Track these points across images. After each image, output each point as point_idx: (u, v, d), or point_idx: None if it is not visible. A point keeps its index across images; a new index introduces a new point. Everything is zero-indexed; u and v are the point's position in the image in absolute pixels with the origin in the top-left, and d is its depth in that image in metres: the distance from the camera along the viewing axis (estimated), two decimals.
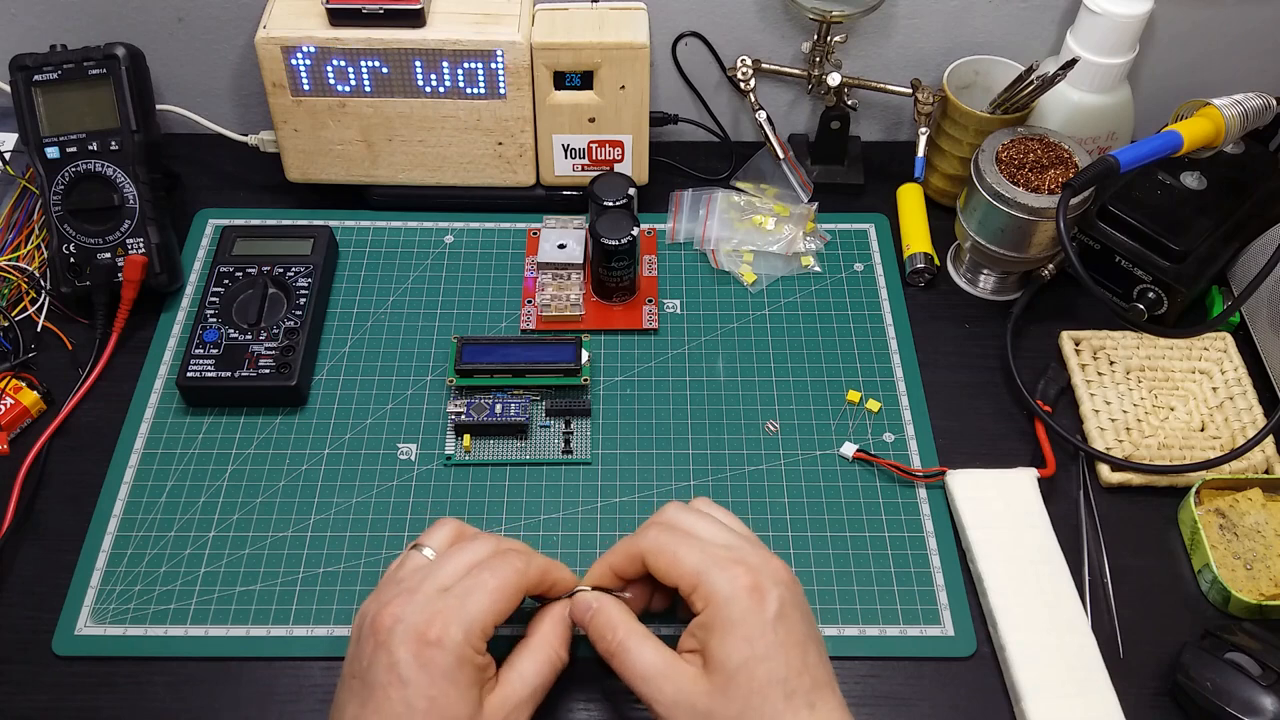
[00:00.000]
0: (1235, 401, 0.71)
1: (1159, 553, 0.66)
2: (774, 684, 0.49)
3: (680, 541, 0.54)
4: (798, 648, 0.51)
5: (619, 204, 0.74)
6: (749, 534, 0.57)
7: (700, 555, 0.52)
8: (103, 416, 0.71)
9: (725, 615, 0.51)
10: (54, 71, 0.74)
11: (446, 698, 0.49)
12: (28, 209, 0.80)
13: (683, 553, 0.53)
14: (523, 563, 0.54)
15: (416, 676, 0.49)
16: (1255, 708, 0.56)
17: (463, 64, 0.74)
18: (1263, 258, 0.72)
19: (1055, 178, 0.71)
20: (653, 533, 0.55)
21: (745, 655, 0.50)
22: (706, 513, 0.57)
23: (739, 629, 0.50)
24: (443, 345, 0.75)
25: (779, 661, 0.50)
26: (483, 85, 0.75)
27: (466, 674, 0.50)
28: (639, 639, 0.53)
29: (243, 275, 0.74)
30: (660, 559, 0.53)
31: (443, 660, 0.50)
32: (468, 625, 0.51)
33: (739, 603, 0.51)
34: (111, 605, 0.62)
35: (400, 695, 0.49)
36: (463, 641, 0.50)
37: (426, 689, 0.49)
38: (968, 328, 0.77)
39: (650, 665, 0.52)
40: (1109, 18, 0.74)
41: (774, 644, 0.50)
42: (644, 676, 0.52)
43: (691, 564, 0.52)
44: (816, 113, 0.87)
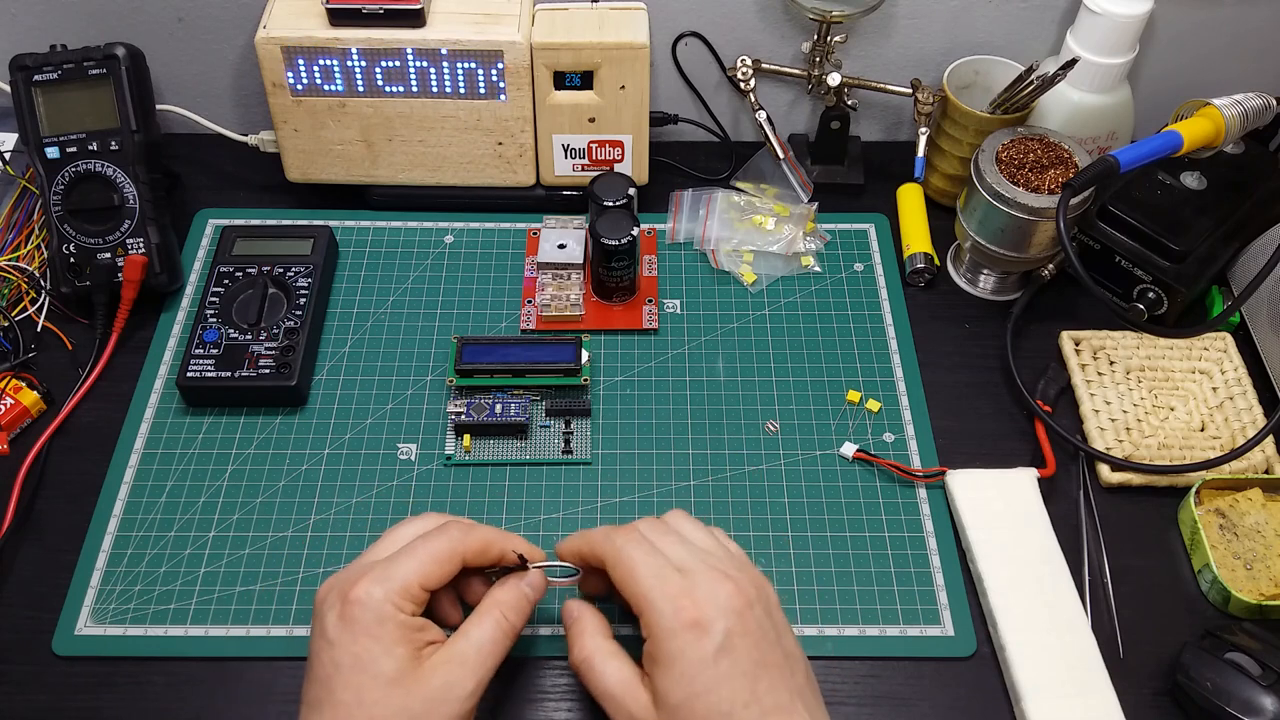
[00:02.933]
0: (1235, 401, 0.71)
1: (1159, 553, 0.66)
2: (716, 718, 0.49)
3: (641, 557, 0.53)
4: (744, 679, 0.50)
5: (619, 204, 0.74)
6: (714, 549, 0.55)
7: (653, 580, 0.52)
8: (103, 416, 0.71)
9: (666, 650, 0.50)
10: (54, 71, 0.74)
11: (370, 654, 0.50)
12: (28, 209, 0.80)
13: (639, 570, 0.52)
14: (460, 531, 0.55)
15: (340, 635, 0.50)
16: (1255, 708, 0.56)
17: (463, 64, 0.74)
18: (1263, 258, 0.72)
19: (1055, 178, 0.71)
20: (619, 539, 0.54)
21: (685, 693, 0.49)
22: (674, 530, 0.56)
23: (677, 665, 0.50)
24: (443, 345, 0.75)
25: (722, 695, 0.49)
26: (483, 85, 0.75)
27: (389, 631, 0.50)
28: (605, 656, 0.53)
29: (243, 275, 0.74)
30: (618, 570, 0.53)
31: (363, 616, 0.50)
32: (389, 583, 0.51)
33: (678, 637, 0.50)
34: (111, 605, 0.62)
35: (329, 656, 0.50)
36: (382, 599, 0.51)
37: (350, 646, 0.50)
38: (968, 328, 0.77)
39: (610, 684, 0.52)
40: (1109, 18, 0.74)
41: (715, 678, 0.49)
42: (604, 694, 0.52)
43: (643, 587, 0.52)
44: (816, 113, 0.87)
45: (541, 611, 0.62)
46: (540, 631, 0.62)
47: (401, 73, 0.74)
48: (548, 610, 0.62)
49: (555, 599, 0.63)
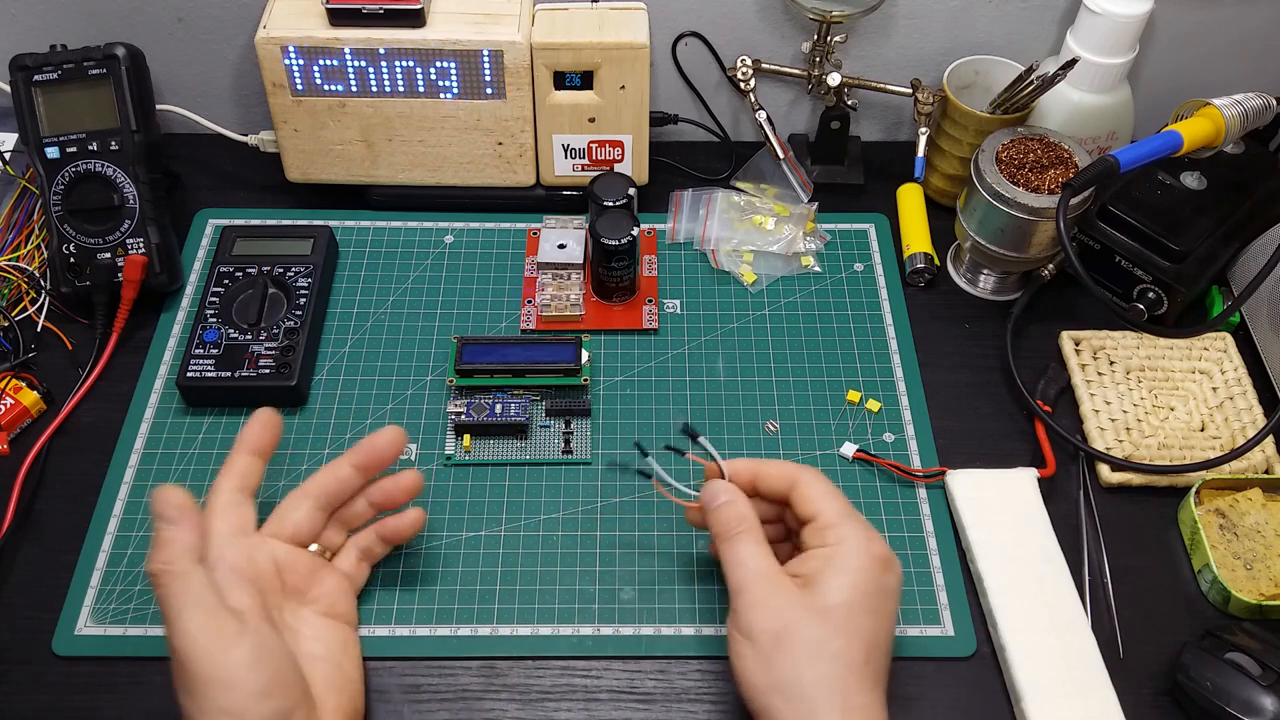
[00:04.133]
0: (1235, 401, 0.71)
1: (1159, 553, 0.66)
2: (861, 639, 0.51)
3: (831, 489, 0.56)
4: (889, 629, 0.53)
5: (619, 204, 0.74)
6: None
7: (844, 506, 0.55)
8: (103, 416, 0.71)
9: (849, 561, 0.52)
10: (54, 71, 0.74)
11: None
12: (28, 209, 0.80)
13: (832, 496, 0.55)
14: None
15: None
16: (1255, 708, 0.56)
17: (463, 64, 0.73)
18: (1263, 258, 0.72)
19: (1055, 178, 0.71)
20: (812, 470, 0.57)
21: (852, 599, 0.51)
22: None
23: (854, 576, 0.52)
24: (443, 345, 0.75)
25: (873, 625, 0.52)
26: (483, 85, 0.75)
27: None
28: (756, 539, 0.55)
29: (243, 275, 0.74)
30: (811, 489, 0.56)
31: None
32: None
33: (865, 557, 0.53)
34: (111, 605, 0.62)
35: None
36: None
37: None
38: (968, 328, 0.77)
39: (756, 560, 0.54)
40: (1109, 18, 0.74)
41: (877, 609, 0.52)
42: (745, 565, 0.54)
43: (837, 507, 0.55)
44: (816, 113, 0.87)
45: (540, 611, 0.62)
46: (540, 631, 0.62)
47: (401, 73, 0.74)
48: (547, 610, 0.62)
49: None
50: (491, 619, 0.62)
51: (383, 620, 0.62)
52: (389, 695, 0.60)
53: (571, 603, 0.63)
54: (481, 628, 0.62)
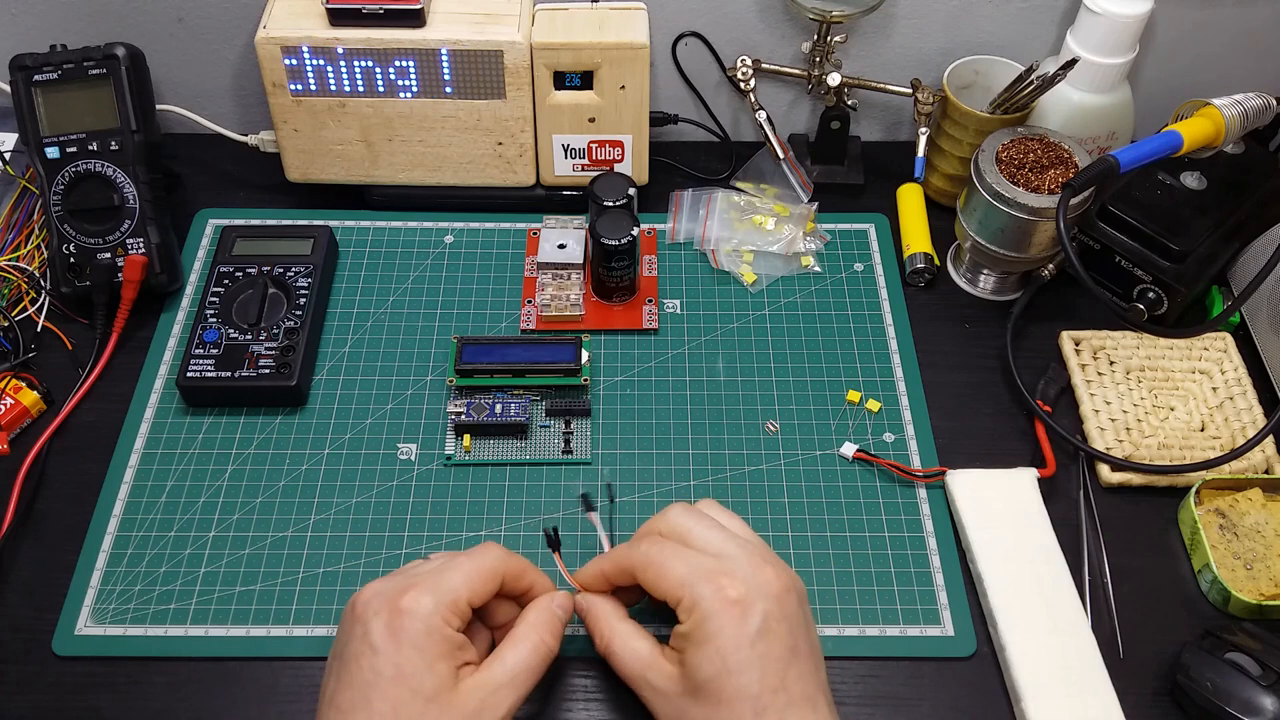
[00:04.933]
0: (1235, 401, 0.71)
1: (1159, 553, 0.66)
2: (743, 699, 0.49)
3: (671, 554, 0.53)
4: (776, 664, 0.50)
5: (619, 204, 0.74)
6: (752, 539, 0.56)
7: (687, 569, 0.52)
8: (103, 416, 0.71)
9: (704, 629, 0.51)
10: (54, 71, 0.74)
11: (413, 665, 0.49)
12: (28, 209, 0.80)
13: (670, 566, 0.53)
14: (502, 551, 0.55)
15: (385, 644, 0.50)
16: (1255, 708, 0.56)
17: (463, 64, 0.74)
18: (1263, 258, 0.72)
19: (1055, 178, 0.71)
20: (644, 545, 0.55)
21: (716, 669, 0.50)
22: (709, 516, 0.56)
23: (714, 642, 0.50)
24: (443, 345, 0.75)
25: (751, 677, 0.50)
26: (483, 85, 0.75)
27: (435, 644, 0.50)
28: (624, 636, 0.54)
29: (243, 275, 0.74)
30: (648, 573, 0.53)
31: (411, 627, 0.50)
32: (439, 595, 0.51)
33: (719, 617, 0.50)
34: (111, 605, 0.62)
35: (370, 663, 0.50)
36: (433, 610, 0.51)
37: (394, 656, 0.49)
38: (968, 328, 0.77)
39: (633, 660, 0.54)
40: (1109, 18, 0.74)
41: (748, 660, 0.50)
42: (629, 672, 0.54)
43: (678, 577, 0.52)
44: (816, 113, 0.87)
45: None
46: None
47: (401, 73, 0.74)
48: None
49: None
50: None
51: None
52: None
53: None
54: None
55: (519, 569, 0.56)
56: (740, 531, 0.56)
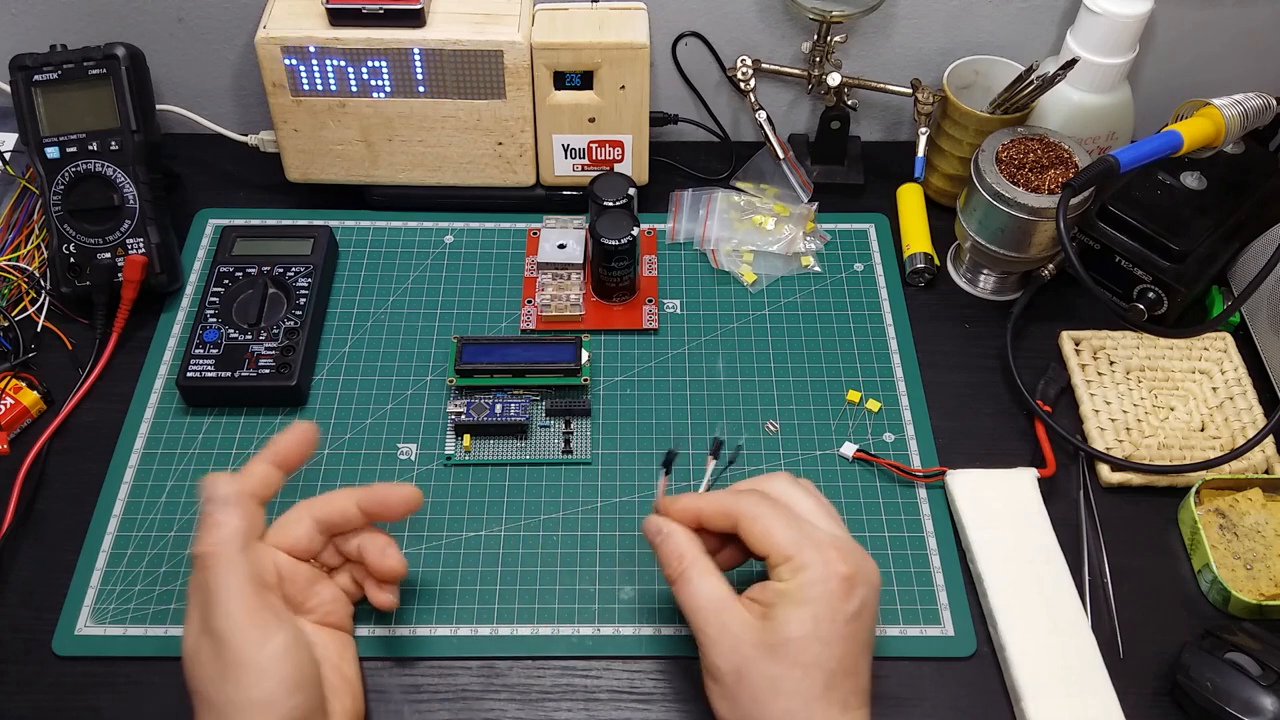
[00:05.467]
0: (1235, 401, 0.71)
1: (1159, 553, 0.66)
2: (820, 669, 0.50)
3: (778, 514, 0.53)
4: (858, 649, 0.51)
5: (619, 204, 0.74)
6: (846, 531, 0.56)
7: (797, 532, 0.52)
8: (103, 416, 0.71)
9: (807, 591, 0.51)
10: (54, 71, 0.74)
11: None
12: (28, 209, 0.80)
13: (778, 526, 0.53)
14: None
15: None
16: (1255, 708, 0.56)
17: (463, 64, 0.74)
18: (1263, 258, 0.72)
19: (1055, 178, 0.71)
20: (752, 499, 0.54)
21: (807, 631, 0.50)
22: (812, 494, 0.56)
23: (812, 606, 0.50)
24: (443, 345, 0.75)
25: (835, 652, 0.50)
26: (483, 85, 0.75)
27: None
28: (702, 571, 0.53)
29: (243, 275, 0.74)
30: (755, 525, 0.53)
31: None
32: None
33: (826, 585, 0.51)
34: (111, 605, 0.62)
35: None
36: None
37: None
38: (968, 328, 0.77)
39: (707, 597, 0.52)
40: (1109, 18, 0.74)
41: (839, 635, 0.50)
42: (699, 607, 0.52)
43: (787, 538, 0.52)
44: (816, 113, 0.87)
45: (540, 611, 0.62)
46: (540, 631, 0.62)
47: (401, 73, 0.74)
48: (547, 610, 0.62)
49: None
50: (491, 619, 0.62)
51: (383, 620, 0.62)
52: (389, 695, 0.60)
53: (571, 603, 0.63)
54: (481, 628, 0.62)
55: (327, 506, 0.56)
56: (836, 518, 0.56)
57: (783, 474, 0.57)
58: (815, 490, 0.57)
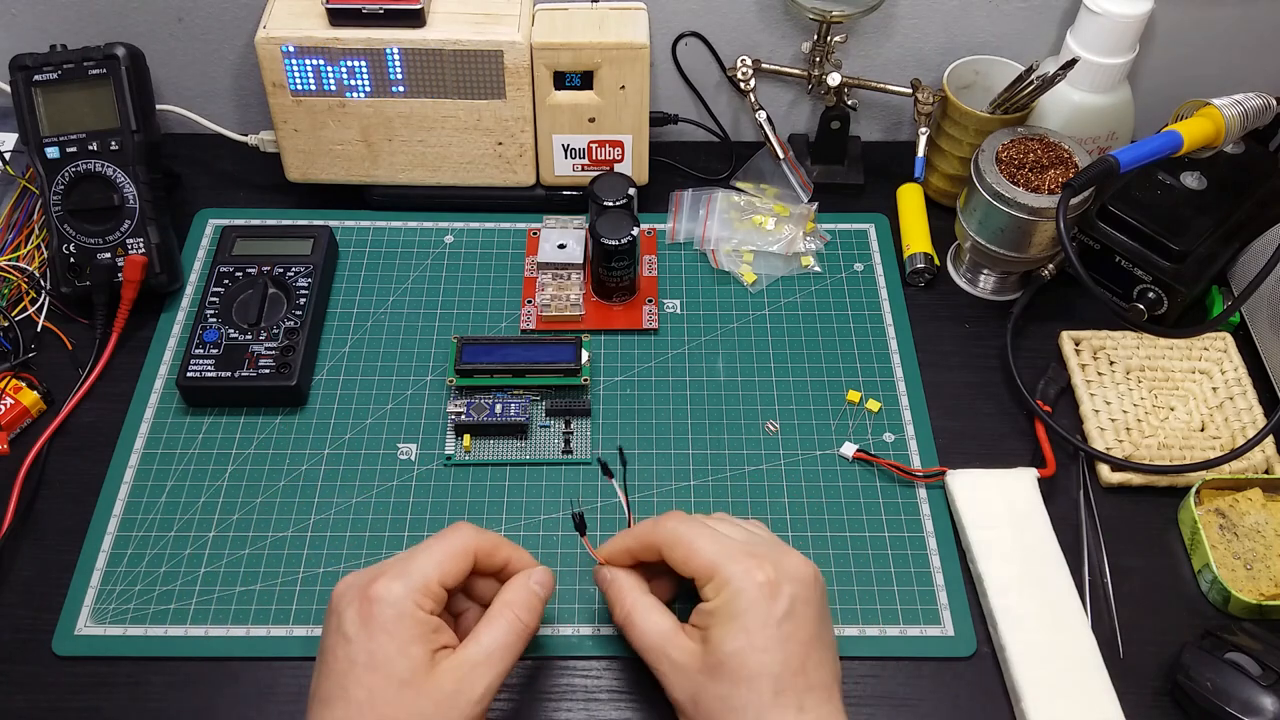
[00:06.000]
0: (1235, 401, 0.71)
1: (1159, 553, 0.66)
2: (764, 677, 0.50)
3: (700, 533, 0.54)
4: (800, 647, 0.51)
5: (619, 204, 0.74)
6: (770, 535, 0.58)
7: (717, 547, 0.53)
8: (103, 416, 0.71)
9: (733, 606, 0.51)
10: (54, 71, 0.74)
11: (385, 651, 0.50)
12: (28, 209, 0.80)
13: (700, 544, 0.54)
14: (472, 530, 0.55)
15: (357, 632, 0.50)
16: (1255, 708, 0.56)
17: (463, 64, 0.73)
18: (1263, 258, 0.72)
19: (1055, 178, 0.71)
20: (671, 523, 0.55)
21: (741, 644, 0.51)
22: (726, 518, 0.58)
23: (742, 619, 0.51)
24: (443, 345, 0.75)
25: (775, 657, 0.50)
26: (483, 85, 0.75)
27: (407, 629, 0.50)
28: (644, 609, 0.55)
29: (243, 275, 0.74)
30: (677, 550, 0.54)
31: (382, 614, 0.50)
32: (409, 579, 0.51)
33: (748, 595, 0.51)
34: (111, 605, 0.62)
35: (344, 652, 0.50)
36: (403, 595, 0.51)
37: (366, 643, 0.50)
38: (968, 328, 0.77)
39: (653, 635, 0.54)
40: (1109, 18, 0.74)
41: (774, 639, 0.51)
42: (648, 646, 0.54)
43: (708, 555, 0.53)
44: (816, 113, 0.87)
45: None
46: (540, 631, 0.62)
47: (401, 73, 0.74)
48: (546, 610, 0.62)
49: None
50: None
51: None
52: None
53: (571, 603, 0.63)
54: None
55: (491, 545, 0.55)
56: (758, 530, 0.58)
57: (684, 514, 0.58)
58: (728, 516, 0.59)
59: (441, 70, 0.74)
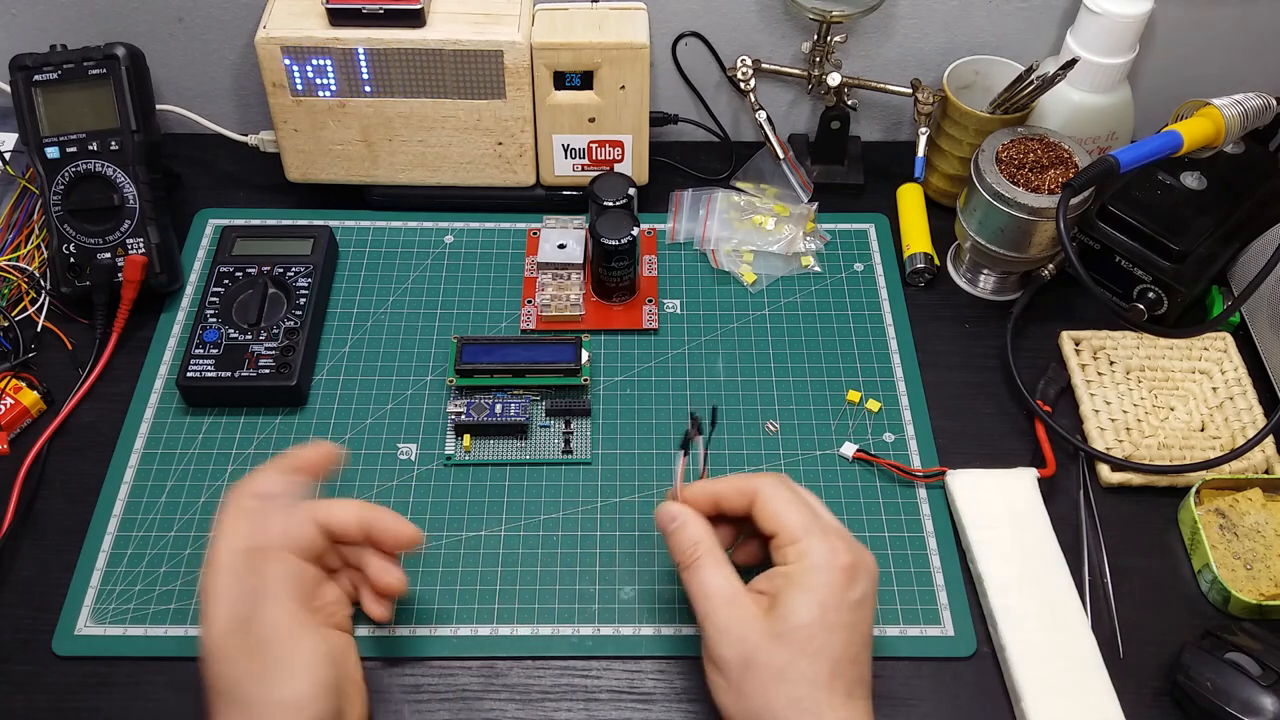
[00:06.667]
0: (1235, 401, 0.71)
1: (1159, 553, 0.66)
2: (826, 657, 0.50)
3: (793, 498, 0.55)
4: (860, 638, 0.52)
5: (619, 204, 0.74)
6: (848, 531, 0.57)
7: (808, 517, 0.54)
8: (103, 416, 0.71)
9: (812, 578, 0.51)
10: (54, 71, 0.74)
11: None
12: (28, 209, 0.80)
13: (795, 506, 0.54)
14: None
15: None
16: (1255, 708, 0.56)
17: (463, 64, 0.74)
18: (1263, 258, 0.72)
19: (1055, 178, 0.71)
20: (771, 480, 0.55)
21: (814, 618, 0.50)
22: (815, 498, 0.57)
23: (819, 594, 0.51)
24: (443, 345, 0.75)
25: (840, 639, 0.51)
26: (483, 85, 0.75)
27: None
28: (715, 561, 0.54)
29: (243, 275, 0.74)
30: (770, 504, 0.54)
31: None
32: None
33: (829, 572, 0.51)
34: (111, 605, 0.62)
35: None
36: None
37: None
38: (968, 328, 0.77)
39: (717, 587, 0.53)
40: (1109, 18, 0.74)
41: (843, 623, 0.51)
42: (707, 595, 0.53)
43: (799, 519, 0.53)
44: (816, 113, 0.87)
45: (540, 611, 0.62)
46: (540, 631, 0.62)
47: (401, 73, 0.74)
48: (547, 610, 0.62)
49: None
50: (491, 619, 0.62)
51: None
52: (389, 695, 0.60)
53: (571, 603, 0.63)
54: (481, 628, 0.62)
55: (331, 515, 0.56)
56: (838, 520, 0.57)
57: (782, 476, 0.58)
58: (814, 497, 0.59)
59: (441, 70, 0.74)
